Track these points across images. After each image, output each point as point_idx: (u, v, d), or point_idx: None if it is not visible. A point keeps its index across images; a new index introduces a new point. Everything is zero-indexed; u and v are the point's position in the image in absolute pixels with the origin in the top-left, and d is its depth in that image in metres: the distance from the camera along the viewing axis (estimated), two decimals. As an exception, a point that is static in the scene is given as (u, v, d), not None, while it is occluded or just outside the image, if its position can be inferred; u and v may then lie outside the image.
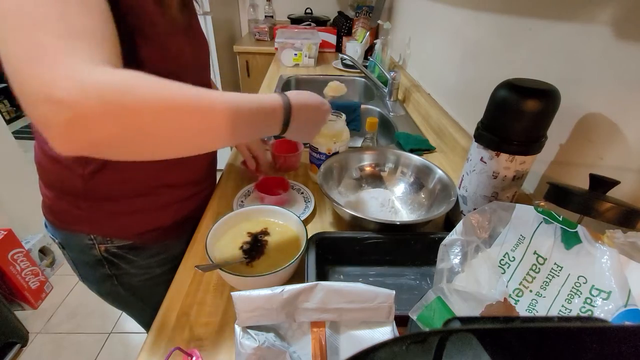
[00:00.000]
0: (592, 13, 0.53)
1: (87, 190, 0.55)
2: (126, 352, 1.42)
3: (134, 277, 0.67)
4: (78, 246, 0.61)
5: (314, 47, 1.69)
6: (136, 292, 0.70)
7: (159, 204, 0.63)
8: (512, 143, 0.50)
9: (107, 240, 0.61)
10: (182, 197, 0.67)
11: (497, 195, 0.55)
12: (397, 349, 0.19)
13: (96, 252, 0.61)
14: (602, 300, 0.36)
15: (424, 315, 0.38)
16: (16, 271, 1.47)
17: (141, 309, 0.74)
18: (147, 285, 0.69)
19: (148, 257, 0.66)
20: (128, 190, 0.58)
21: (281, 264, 0.51)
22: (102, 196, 0.57)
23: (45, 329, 1.50)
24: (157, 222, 0.64)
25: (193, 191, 0.69)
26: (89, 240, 0.60)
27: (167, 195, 0.63)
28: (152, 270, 0.68)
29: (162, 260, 0.68)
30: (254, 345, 0.36)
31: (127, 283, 0.67)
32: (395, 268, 0.59)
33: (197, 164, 0.68)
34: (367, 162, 0.77)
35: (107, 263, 0.63)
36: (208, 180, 0.74)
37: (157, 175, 0.60)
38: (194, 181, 0.68)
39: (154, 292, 0.61)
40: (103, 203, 0.58)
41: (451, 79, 1.06)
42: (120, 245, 0.62)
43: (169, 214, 0.66)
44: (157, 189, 0.61)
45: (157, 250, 0.67)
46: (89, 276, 0.67)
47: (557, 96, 0.48)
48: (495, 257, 0.44)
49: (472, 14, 0.92)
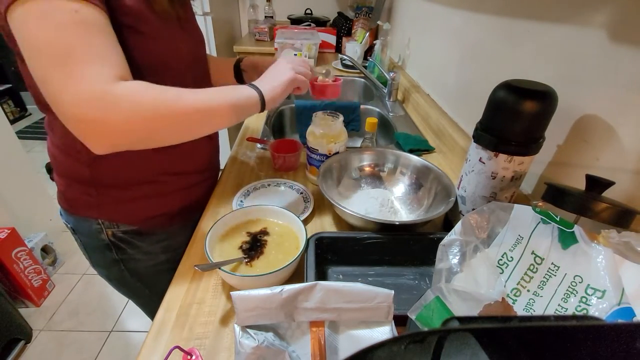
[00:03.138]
0: (588, 16, 0.53)
1: (93, 177, 0.59)
2: (127, 351, 1.43)
3: (139, 263, 0.70)
4: (88, 231, 0.65)
5: (314, 48, 1.69)
6: (142, 279, 0.72)
7: (163, 191, 0.65)
8: (511, 144, 0.50)
9: (114, 225, 0.64)
10: (186, 185, 0.69)
11: (495, 196, 0.55)
12: (396, 348, 0.19)
13: (104, 237, 0.65)
14: (597, 299, 0.36)
15: (423, 315, 0.38)
16: (19, 269, 1.48)
17: (148, 297, 0.76)
18: (152, 271, 0.71)
19: (153, 242, 0.69)
20: (133, 177, 0.62)
21: (280, 263, 0.51)
22: (108, 183, 0.61)
23: (48, 327, 1.51)
24: (161, 209, 0.67)
25: (197, 179, 0.71)
26: (97, 225, 0.63)
27: (171, 183, 0.66)
28: (157, 256, 0.71)
29: (166, 246, 0.71)
30: (253, 345, 0.36)
31: (133, 268, 0.70)
32: (394, 268, 0.59)
33: (200, 153, 0.70)
34: (367, 162, 0.77)
35: (114, 248, 0.66)
36: (211, 169, 0.77)
37: (160, 164, 0.63)
38: (197, 170, 0.71)
39: (159, 280, 0.65)
40: (110, 189, 0.61)
41: (450, 79, 1.06)
42: (126, 230, 0.65)
43: (173, 201, 0.68)
44: (161, 176, 0.64)
45: (162, 236, 0.70)
46: (99, 261, 0.70)
47: (554, 97, 0.48)
48: (494, 257, 0.45)
49: (471, 15, 0.92)
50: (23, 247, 1.50)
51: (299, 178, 0.82)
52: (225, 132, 2.11)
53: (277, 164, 0.84)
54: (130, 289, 0.76)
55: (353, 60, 1.36)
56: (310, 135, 0.74)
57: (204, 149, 0.71)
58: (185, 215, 0.71)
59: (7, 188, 1.59)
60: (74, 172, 0.60)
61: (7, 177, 1.61)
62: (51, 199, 1.91)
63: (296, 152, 0.83)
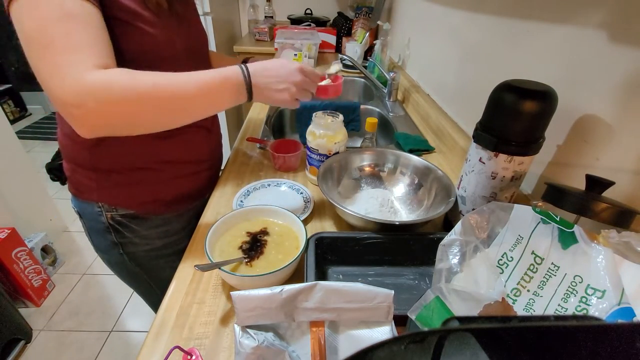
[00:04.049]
0: (588, 16, 0.53)
1: (93, 161, 0.63)
2: (127, 351, 1.43)
3: (137, 247, 0.72)
4: (90, 214, 0.68)
5: (314, 48, 1.69)
6: (140, 264, 0.75)
7: (158, 178, 0.68)
8: (511, 144, 0.50)
9: (113, 208, 0.67)
10: (181, 174, 0.71)
11: (495, 196, 0.55)
12: (396, 348, 0.19)
13: (104, 220, 0.68)
14: (596, 299, 0.36)
15: (423, 315, 0.38)
16: (19, 269, 1.48)
17: (147, 284, 0.79)
18: (150, 256, 0.74)
19: (149, 227, 0.71)
20: (129, 163, 0.65)
21: (280, 263, 0.51)
22: (106, 167, 0.64)
23: (48, 327, 1.51)
24: (157, 195, 0.70)
25: (192, 170, 0.73)
26: (97, 208, 0.67)
27: (166, 170, 0.68)
28: (153, 241, 0.73)
29: (162, 232, 0.73)
30: (253, 345, 0.36)
31: (131, 252, 0.73)
32: (394, 268, 0.59)
33: (198, 145, 0.72)
34: (367, 162, 0.77)
35: (113, 230, 0.69)
36: (210, 161, 0.78)
37: (155, 151, 0.65)
38: (192, 160, 0.73)
39: (157, 266, 0.71)
40: (109, 174, 0.65)
41: (450, 79, 1.06)
42: (124, 214, 0.68)
43: (169, 188, 0.71)
44: (157, 164, 0.67)
45: (158, 222, 0.72)
46: (100, 244, 0.73)
47: (554, 97, 0.48)
48: (494, 257, 0.45)
49: (471, 15, 0.92)
50: (23, 247, 1.50)
51: (299, 178, 0.82)
52: (225, 132, 2.11)
53: (277, 164, 0.84)
54: (130, 274, 0.78)
55: (353, 60, 1.36)
56: (310, 135, 0.74)
57: (202, 140, 0.73)
58: (182, 202, 0.74)
59: (7, 188, 1.59)
60: (77, 156, 0.64)
61: (7, 177, 1.61)
62: (51, 199, 1.91)
63: (296, 152, 0.83)
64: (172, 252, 0.69)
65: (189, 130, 0.67)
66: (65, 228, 2.00)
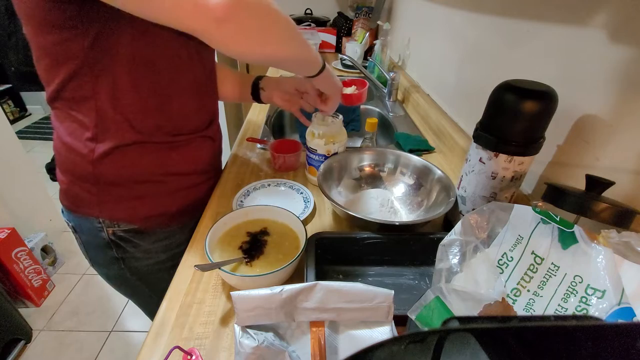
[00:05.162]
0: (588, 16, 0.53)
1: (96, 175, 0.59)
2: (127, 351, 1.43)
3: (139, 261, 0.70)
4: (89, 229, 0.65)
5: (314, 48, 1.69)
6: (142, 277, 0.72)
7: (163, 190, 0.66)
8: (511, 144, 0.50)
9: (115, 224, 0.64)
10: (187, 186, 0.69)
11: (495, 196, 0.55)
12: (396, 348, 0.19)
13: (104, 235, 0.65)
14: (597, 299, 0.36)
15: (423, 315, 0.38)
16: (19, 269, 1.48)
17: (147, 296, 0.76)
18: (152, 270, 0.72)
19: (153, 242, 0.69)
20: (134, 175, 0.62)
21: (280, 263, 0.51)
22: (110, 181, 0.61)
23: (48, 327, 1.51)
24: (161, 208, 0.67)
25: (197, 180, 0.72)
26: (98, 223, 0.64)
27: (171, 182, 0.66)
28: (157, 255, 0.71)
29: (166, 246, 0.71)
30: (253, 345, 0.36)
31: (133, 267, 0.70)
32: (394, 268, 0.59)
33: (202, 154, 0.71)
34: (367, 163, 0.77)
35: (114, 246, 0.66)
36: (212, 171, 0.77)
37: (161, 163, 0.63)
38: (198, 170, 0.71)
39: (159, 279, 0.67)
40: (111, 188, 0.61)
41: (450, 79, 1.06)
42: (126, 229, 0.65)
43: (174, 201, 0.68)
44: (162, 176, 0.64)
45: (162, 235, 0.70)
46: (99, 259, 0.70)
47: (554, 97, 0.48)
48: (494, 257, 0.45)
49: (471, 15, 0.92)
50: (23, 247, 1.50)
51: (299, 178, 0.82)
52: (225, 132, 2.11)
53: (277, 164, 0.84)
54: (129, 288, 0.76)
55: (353, 60, 1.36)
56: (309, 135, 0.74)
57: (206, 150, 0.71)
58: (186, 215, 0.71)
59: (7, 188, 1.59)
60: (76, 168, 0.60)
61: (7, 177, 1.61)
62: (51, 199, 1.91)
63: (296, 152, 0.83)
64: (177, 263, 0.63)
65: (194, 140, 0.66)
66: (65, 228, 1.99)
